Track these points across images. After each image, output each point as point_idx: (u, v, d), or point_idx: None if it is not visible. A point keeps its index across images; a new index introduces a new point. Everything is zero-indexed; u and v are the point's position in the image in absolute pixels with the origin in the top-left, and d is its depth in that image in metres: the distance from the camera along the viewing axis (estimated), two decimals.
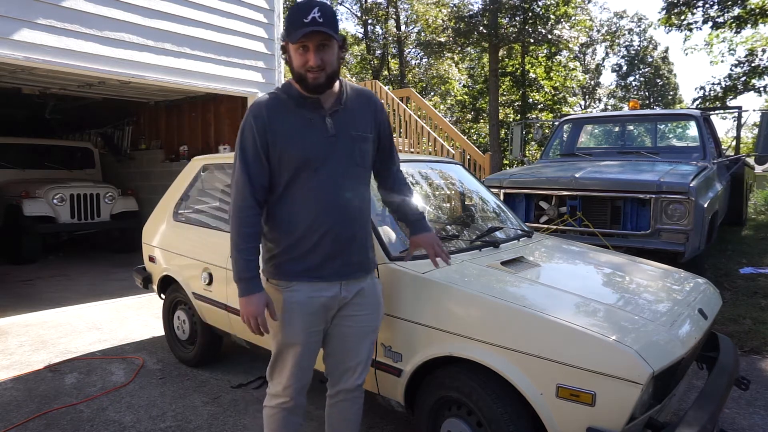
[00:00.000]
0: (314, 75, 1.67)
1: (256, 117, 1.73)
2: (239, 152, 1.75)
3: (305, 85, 1.71)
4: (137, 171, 9.27)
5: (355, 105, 1.84)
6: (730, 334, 3.59)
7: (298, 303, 1.78)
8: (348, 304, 1.86)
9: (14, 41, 4.43)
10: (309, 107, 1.75)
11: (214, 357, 3.46)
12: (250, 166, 1.73)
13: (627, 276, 2.44)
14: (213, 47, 5.94)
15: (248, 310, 1.73)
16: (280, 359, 1.84)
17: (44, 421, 2.73)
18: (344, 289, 1.83)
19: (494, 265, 2.25)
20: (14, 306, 4.87)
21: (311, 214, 1.74)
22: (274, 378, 1.88)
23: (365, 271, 1.89)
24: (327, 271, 1.79)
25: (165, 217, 3.59)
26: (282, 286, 1.80)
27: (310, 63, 1.65)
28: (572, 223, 4.51)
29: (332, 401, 1.99)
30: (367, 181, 1.89)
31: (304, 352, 1.82)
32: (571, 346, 1.70)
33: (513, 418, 1.81)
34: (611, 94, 36.98)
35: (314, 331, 1.82)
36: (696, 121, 5.57)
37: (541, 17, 15.27)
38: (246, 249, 1.73)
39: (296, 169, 1.73)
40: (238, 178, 1.74)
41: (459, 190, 3.24)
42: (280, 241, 1.79)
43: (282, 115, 1.74)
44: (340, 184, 1.76)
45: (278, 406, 1.87)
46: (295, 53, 1.68)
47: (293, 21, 1.64)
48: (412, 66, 24.31)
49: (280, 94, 1.77)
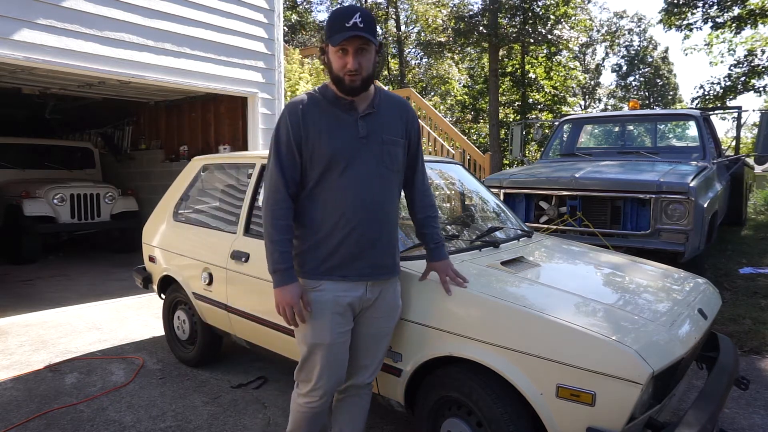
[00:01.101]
0: (351, 78, 1.73)
1: (291, 113, 1.79)
2: (274, 146, 1.82)
3: (342, 87, 1.77)
4: (137, 171, 9.27)
5: (387, 110, 1.89)
6: (730, 334, 3.59)
7: (325, 303, 1.81)
8: (372, 306, 1.90)
9: (14, 41, 4.43)
10: (342, 108, 1.81)
11: (214, 357, 3.46)
12: (284, 159, 1.79)
13: (627, 276, 2.44)
14: (213, 47, 5.94)
15: (284, 300, 1.76)
16: (310, 361, 1.86)
17: (44, 421, 2.73)
18: (369, 291, 1.87)
19: (494, 265, 2.25)
20: (14, 306, 4.87)
21: (337, 213, 1.78)
22: (303, 378, 1.90)
23: (391, 273, 1.92)
24: (351, 271, 1.82)
25: (165, 217, 3.59)
26: (308, 286, 1.83)
27: (349, 66, 1.71)
28: (572, 223, 4.51)
29: (340, 396, 2.02)
30: (397, 185, 1.92)
31: (333, 353, 1.83)
32: (571, 346, 1.70)
33: (513, 418, 1.81)
34: (611, 94, 36.98)
35: (342, 331, 1.84)
36: (696, 121, 5.57)
37: (540, 17, 15.27)
38: (280, 240, 1.77)
39: (325, 167, 1.78)
40: (272, 170, 1.80)
41: (459, 190, 3.24)
42: (306, 239, 1.84)
43: (316, 114, 1.80)
44: (368, 185, 1.79)
45: (306, 406, 1.89)
46: (334, 56, 1.74)
47: (335, 25, 1.70)
48: (412, 66, 24.32)
49: (317, 95, 1.84)
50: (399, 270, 1.98)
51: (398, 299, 1.99)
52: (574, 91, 25.00)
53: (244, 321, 2.81)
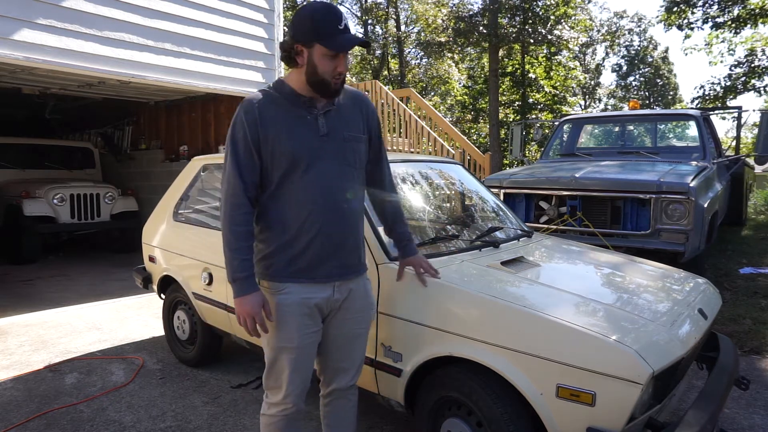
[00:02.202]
0: (337, 81, 1.69)
1: (247, 113, 1.70)
2: (230, 148, 1.72)
3: (325, 89, 1.71)
4: (137, 171, 9.27)
5: (347, 106, 1.83)
6: (730, 334, 3.59)
7: (291, 305, 1.74)
8: (342, 307, 1.85)
9: (14, 41, 4.43)
10: (302, 106, 1.74)
11: (214, 357, 3.45)
12: (242, 162, 1.70)
13: (627, 276, 2.44)
14: (213, 47, 5.94)
15: (244, 310, 1.69)
16: (277, 365, 1.79)
17: (44, 421, 2.73)
18: (337, 291, 1.81)
19: (494, 265, 2.25)
20: (14, 306, 4.87)
21: (303, 214, 1.72)
22: (272, 385, 1.83)
23: (357, 272, 1.87)
24: (320, 273, 1.76)
25: (165, 217, 3.59)
26: (274, 289, 1.76)
27: (339, 69, 1.67)
28: (572, 223, 4.51)
29: (326, 400, 1.98)
30: (361, 182, 1.87)
31: (301, 356, 1.78)
32: (571, 346, 1.70)
33: (513, 418, 1.81)
34: (611, 94, 36.98)
35: (309, 333, 1.79)
36: (696, 121, 5.57)
37: (540, 17, 15.27)
38: (239, 248, 1.70)
39: (287, 167, 1.71)
40: (230, 174, 1.71)
41: (459, 190, 3.24)
42: (271, 242, 1.76)
43: (274, 112, 1.72)
44: (332, 183, 1.74)
45: (278, 414, 1.82)
46: (322, 58, 1.66)
47: (326, 26, 1.63)
48: (412, 66, 24.32)
49: (272, 92, 1.75)
50: (366, 267, 1.94)
51: (370, 297, 1.94)
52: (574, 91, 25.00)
53: None
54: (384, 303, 2.15)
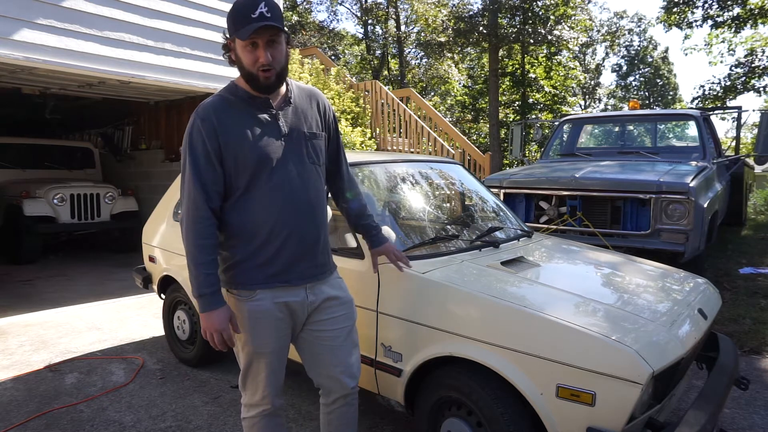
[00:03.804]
0: (266, 74, 1.62)
1: (204, 120, 1.63)
2: (189, 159, 1.64)
3: (256, 84, 1.65)
4: (137, 171, 9.27)
5: (303, 103, 1.79)
6: (730, 334, 3.59)
7: (264, 312, 1.70)
8: (319, 309, 1.81)
9: (14, 41, 4.43)
10: (258, 107, 1.69)
11: (214, 357, 3.45)
12: (203, 173, 1.63)
13: (627, 276, 2.44)
14: (213, 47, 5.94)
15: (211, 325, 1.63)
16: (253, 369, 1.77)
17: (44, 421, 2.73)
18: (310, 293, 1.78)
19: (494, 265, 2.25)
20: (14, 306, 4.87)
21: (272, 217, 1.67)
22: (249, 389, 1.80)
23: (329, 271, 1.85)
24: (293, 275, 1.72)
25: (165, 217, 3.59)
26: (244, 296, 1.71)
27: (261, 60, 1.60)
28: (572, 223, 4.51)
29: (329, 409, 1.91)
30: (322, 179, 1.85)
31: (276, 359, 1.76)
32: (571, 346, 1.70)
33: (513, 418, 1.81)
34: (611, 94, 36.97)
35: (283, 335, 1.76)
36: (696, 121, 5.57)
37: (540, 17, 15.27)
38: (205, 263, 1.62)
39: (252, 173, 1.65)
40: (190, 187, 1.63)
41: (459, 190, 3.24)
42: (239, 249, 1.70)
43: (232, 116, 1.66)
44: (299, 183, 1.70)
45: (259, 415, 1.81)
46: (243, 51, 1.62)
47: (239, 17, 1.58)
48: (412, 66, 24.31)
49: (226, 95, 1.70)
50: (334, 266, 1.90)
51: (346, 293, 1.89)
52: (574, 91, 25.01)
53: None
54: (384, 303, 2.15)
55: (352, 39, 25.14)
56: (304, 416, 2.72)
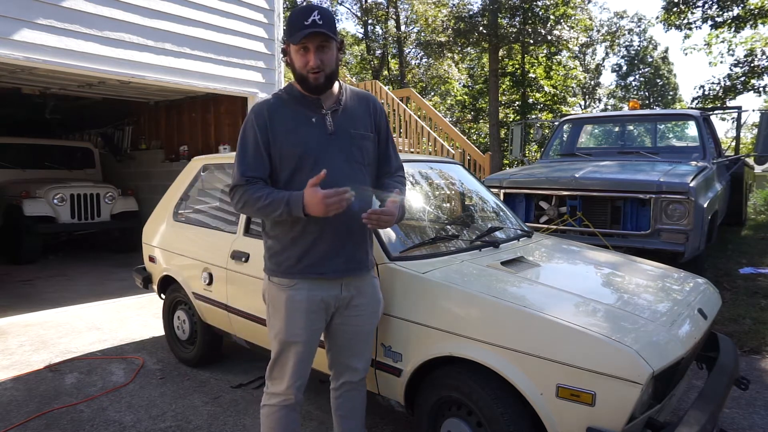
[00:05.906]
0: (315, 75, 1.74)
1: (257, 115, 1.80)
2: (240, 149, 1.82)
3: (307, 85, 1.78)
4: (137, 171, 9.27)
5: (354, 106, 1.90)
6: (730, 334, 3.59)
7: (300, 301, 1.81)
8: (349, 304, 1.89)
9: (14, 41, 4.43)
10: (309, 106, 1.82)
11: (214, 357, 3.45)
12: (250, 161, 1.79)
13: (627, 276, 2.44)
14: (213, 47, 5.94)
15: (316, 204, 1.62)
16: (282, 358, 1.86)
17: (44, 421, 2.73)
18: (345, 288, 1.87)
19: (494, 265, 2.25)
20: (14, 306, 4.87)
21: None
22: (275, 377, 1.90)
23: (365, 269, 1.91)
24: (328, 269, 1.82)
25: (165, 217, 3.59)
26: (284, 285, 1.83)
27: (311, 64, 1.73)
28: (572, 223, 4.51)
29: (338, 393, 2.02)
30: (368, 180, 1.91)
31: (306, 350, 1.85)
32: (571, 346, 1.70)
33: (513, 418, 1.81)
34: (611, 94, 36.95)
35: (316, 329, 1.86)
36: (696, 121, 5.57)
37: (540, 17, 15.27)
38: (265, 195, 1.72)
39: (295, 166, 1.78)
40: (236, 174, 1.79)
41: (459, 190, 3.24)
42: (280, 238, 1.83)
43: (282, 114, 1.80)
44: (339, 181, 1.76)
45: (279, 404, 1.89)
46: (296, 54, 1.76)
47: (294, 23, 1.72)
48: (412, 66, 24.29)
49: (283, 94, 1.85)
50: (373, 264, 1.98)
51: (378, 294, 1.98)
52: (574, 91, 24.99)
53: (244, 321, 2.81)
54: (384, 303, 2.15)
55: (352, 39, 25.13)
56: (304, 416, 2.72)
